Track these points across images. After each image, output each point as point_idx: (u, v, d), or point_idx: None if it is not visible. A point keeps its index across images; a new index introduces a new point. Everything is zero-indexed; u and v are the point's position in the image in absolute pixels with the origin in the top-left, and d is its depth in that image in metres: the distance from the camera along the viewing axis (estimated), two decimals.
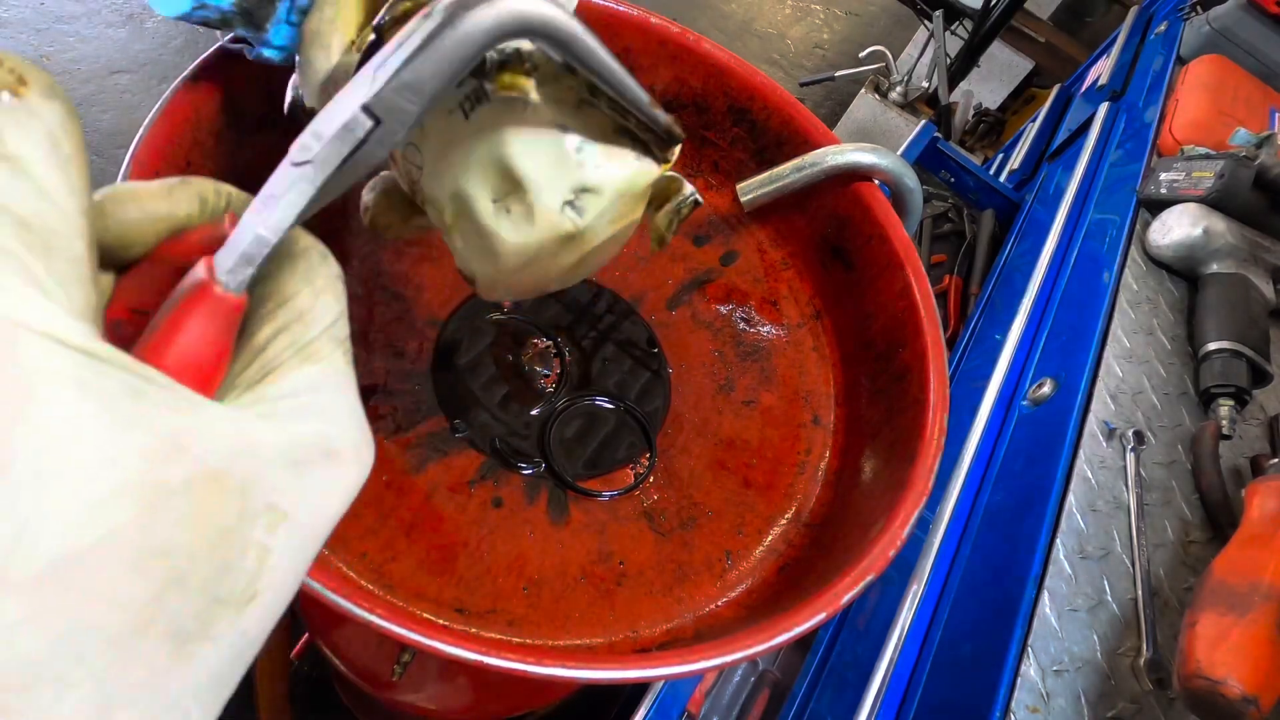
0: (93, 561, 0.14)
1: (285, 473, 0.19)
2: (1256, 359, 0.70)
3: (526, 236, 0.29)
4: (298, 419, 0.20)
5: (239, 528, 0.17)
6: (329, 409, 0.21)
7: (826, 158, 0.50)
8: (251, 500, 0.17)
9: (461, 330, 0.45)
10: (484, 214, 0.28)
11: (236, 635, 0.18)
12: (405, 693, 0.59)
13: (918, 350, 0.45)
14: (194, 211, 0.23)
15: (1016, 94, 2.51)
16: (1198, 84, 1.06)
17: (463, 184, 0.28)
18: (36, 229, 0.16)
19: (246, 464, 0.18)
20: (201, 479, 0.16)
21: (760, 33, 3.02)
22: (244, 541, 0.17)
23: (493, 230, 0.29)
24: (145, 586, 0.15)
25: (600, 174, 0.29)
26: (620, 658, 0.35)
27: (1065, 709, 0.47)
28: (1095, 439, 0.62)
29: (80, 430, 0.15)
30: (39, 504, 0.14)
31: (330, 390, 0.21)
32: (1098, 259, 0.84)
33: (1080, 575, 0.53)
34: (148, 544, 0.15)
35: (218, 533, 0.17)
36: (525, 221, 0.28)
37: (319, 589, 0.28)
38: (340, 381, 0.22)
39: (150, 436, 0.16)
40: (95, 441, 0.15)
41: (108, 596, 0.15)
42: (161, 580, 0.16)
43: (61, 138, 0.18)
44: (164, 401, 0.16)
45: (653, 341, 0.49)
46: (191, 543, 0.16)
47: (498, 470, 0.41)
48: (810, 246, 0.54)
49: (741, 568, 0.42)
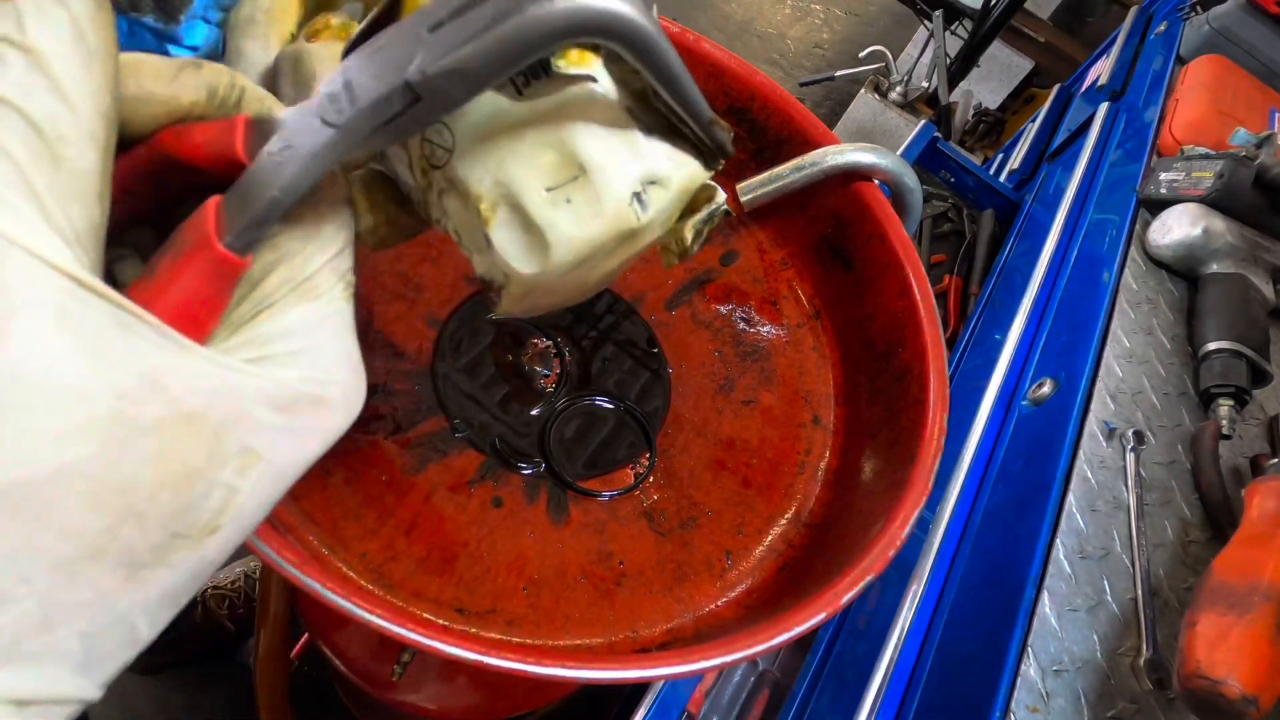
0: (46, 491, 0.15)
1: (268, 416, 0.18)
2: (1256, 359, 0.70)
3: (588, 230, 0.25)
4: (288, 364, 0.19)
5: (207, 469, 0.17)
6: (322, 353, 0.20)
7: (826, 158, 0.50)
8: (225, 443, 0.17)
9: (461, 330, 0.45)
10: (536, 203, 0.24)
11: (193, 561, 0.18)
12: (405, 693, 0.59)
13: (918, 350, 0.45)
14: (200, 100, 0.20)
15: (1016, 94, 2.51)
16: (1198, 84, 1.06)
17: (510, 168, 0.24)
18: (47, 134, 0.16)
19: (226, 405, 0.17)
20: (174, 420, 0.16)
21: (760, 33, 3.02)
22: (210, 482, 0.17)
23: (547, 222, 0.25)
24: (99, 519, 0.15)
25: (669, 165, 0.26)
26: (620, 658, 0.35)
27: (1065, 709, 0.47)
28: (1095, 439, 0.62)
29: (53, 363, 0.15)
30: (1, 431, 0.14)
31: (325, 331, 0.20)
32: (1097, 259, 0.84)
33: (1080, 575, 0.54)
34: (107, 479, 0.15)
35: (183, 473, 0.17)
36: (589, 212, 0.25)
37: (319, 589, 0.28)
38: (337, 322, 0.21)
39: (127, 374, 0.16)
40: (67, 376, 0.15)
41: (59, 525, 0.15)
42: (118, 514, 0.16)
43: (88, 30, 0.16)
44: (148, 340, 0.16)
45: (652, 341, 0.49)
46: (154, 481, 0.16)
47: (497, 470, 0.41)
48: (810, 246, 0.54)
49: (741, 568, 0.42)
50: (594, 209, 0.25)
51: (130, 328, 0.16)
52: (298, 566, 0.28)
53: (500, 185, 0.25)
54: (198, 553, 0.17)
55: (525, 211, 0.25)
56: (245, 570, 1.10)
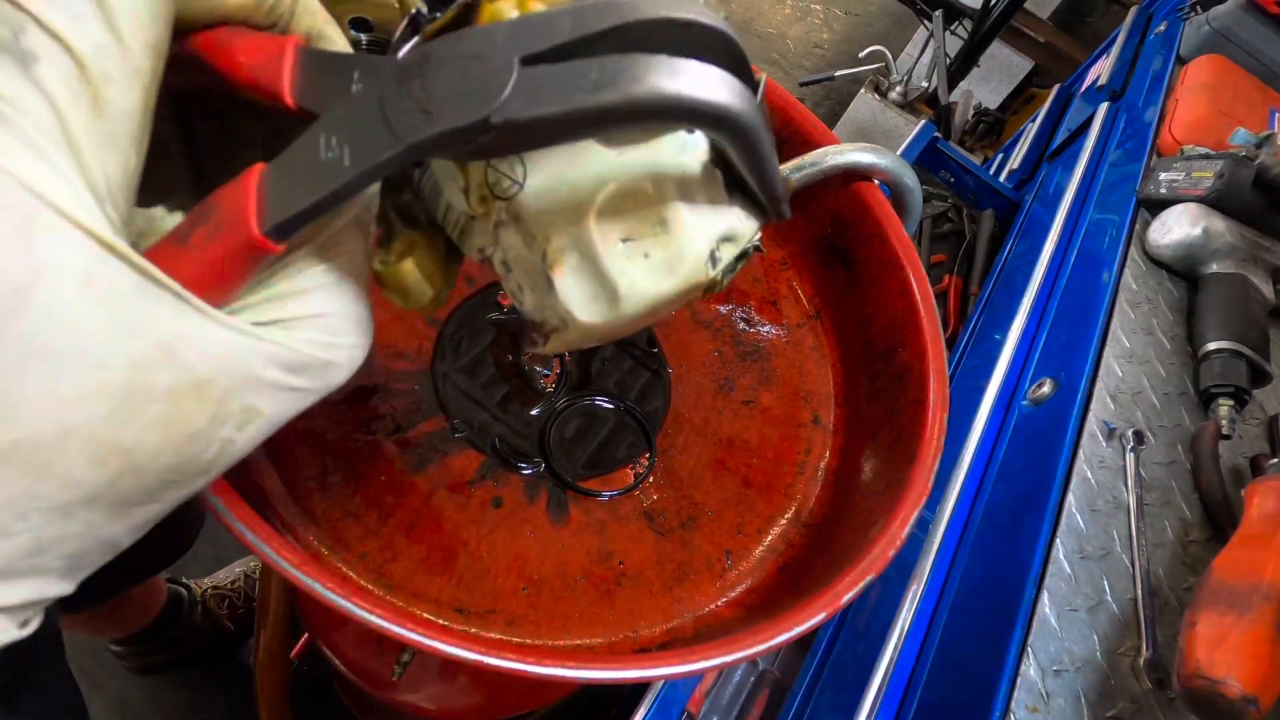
0: (52, 448, 0.15)
1: (275, 376, 0.19)
2: (1256, 359, 0.70)
3: (663, 286, 0.24)
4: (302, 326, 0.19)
5: (208, 430, 0.17)
6: (336, 315, 0.20)
7: (826, 158, 0.50)
8: (228, 405, 0.18)
9: (461, 330, 0.45)
10: (613, 255, 0.23)
11: (181, 496, 0.18)
12: (405, 693, 0.59)
13: (917, 350, 0.45)
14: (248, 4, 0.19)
15: (1016, 94, 2.51)
16: (1197, 84, 1.06)
17: (590, 217, 0.23)
18: (92, 72, 0.15)
19: (236, 370, 0.18)
20: (186, 387, 0.17)
21: (760, 32, 3.02)
22: (210, 439, 0.18)
23: (621, 275, 0.23)
24: (99, 474, 0.16)
25: (743, 225, 0.25)
26: (620, 658, 0.35)
27: (1065, 709, 0.47)
28: (1095, 439, 0.62)
29: (74, 330, 0.15)
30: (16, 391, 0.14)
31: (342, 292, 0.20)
32: (1097, 259, 0.84)
33: (1080, 575, 0.53)
34: (113, 441, 0.16)
35: (187, 436, 0.17)
36: (666, 269, 0.24)
37: (319, 589, 0.28)
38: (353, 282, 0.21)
39: (144, 342, 0.16)
40: (86, 342, 0.15)
41: (60, 477, 0.15)
42: (118, 470, 0.16)
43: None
44: (168, 307, 0.16)
45: (652, 341, 0.49)
46: (157, 444, 0.17)
47: (497, 470, 0.41)
48: (810, 246, 0.54)
49: (741, 568, 0.42)
50: (673, 266, 0.24)
51: (152, 295, 0.16)
52: (298, 566, 0.28)
53: (575, 231, 0.23)
54: (186, 490, 0.18)
55: (599, 262, 0.23)
56: (245, 570, 1.10)
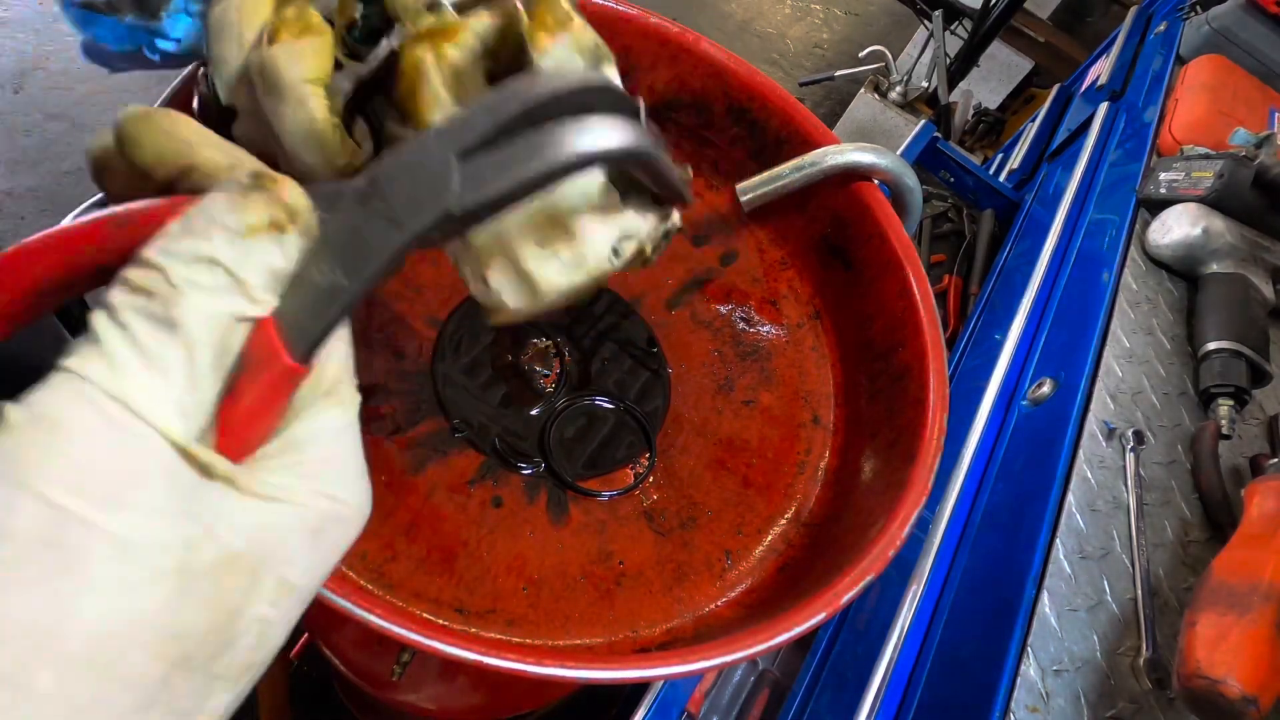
0: (120, 642, 0.15)
1: (301, 543, 0.19)
2: (1256, 359, 0.70)
3: (571, 279, 0.29)
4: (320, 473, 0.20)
5: (245, 606, 0.18)
6: (347, 465, 0.21)
7: (826, 158, 0.50)
8: (262, 577, 0.18)
9: (461, 330, 0.45)
10: (529, 257, 0.29)
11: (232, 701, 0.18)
12: (405, 693, 0.59)
13: (917, 350, 0.45)
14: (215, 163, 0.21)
15: (1016, 94, 2.51)
16: (1197, 84, 1.06)
17: (509, 229, 0.28)
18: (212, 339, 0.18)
19: (264, 540, 0.18)
20: (223, 561, 0.17)
21: (760, 32, 3.02)
22: (249, 618, 0.18)
23: (537, 272, 0.29)
24: (158, 668, 0.16)
25: (639, 224, 0.30)
26: (620, 658, 0.35)
27: (1065, 709, 0.47)
28: (1095, 439, 0.62)
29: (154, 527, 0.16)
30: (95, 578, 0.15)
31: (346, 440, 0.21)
32: (1097, 259, 0.84)
33: (1080, 575, 0.54)
34: (170, 627, 0.16)
35: (227, 616, 0.17)
36: (574, 266, 0.29)
37: (319, 589, 0.28)
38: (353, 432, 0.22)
39: (195, 525, 0.16)
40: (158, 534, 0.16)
41: (123, 676, 0.15)
42: (172, 662, 0.16)
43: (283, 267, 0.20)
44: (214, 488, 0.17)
45: (652, 341, 0.49)
46: (205, 625, 0.17)
47: (497, 470, 0.41)
48: (810, 246, 0.54)
49: (741, 567, 0.42)
50: (578, 263, 0.29)
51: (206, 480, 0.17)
52: None
53: (499, 240, 0.29)
54: (234, 691, 0.18)
55: (519, 263, 0.29)
56: None
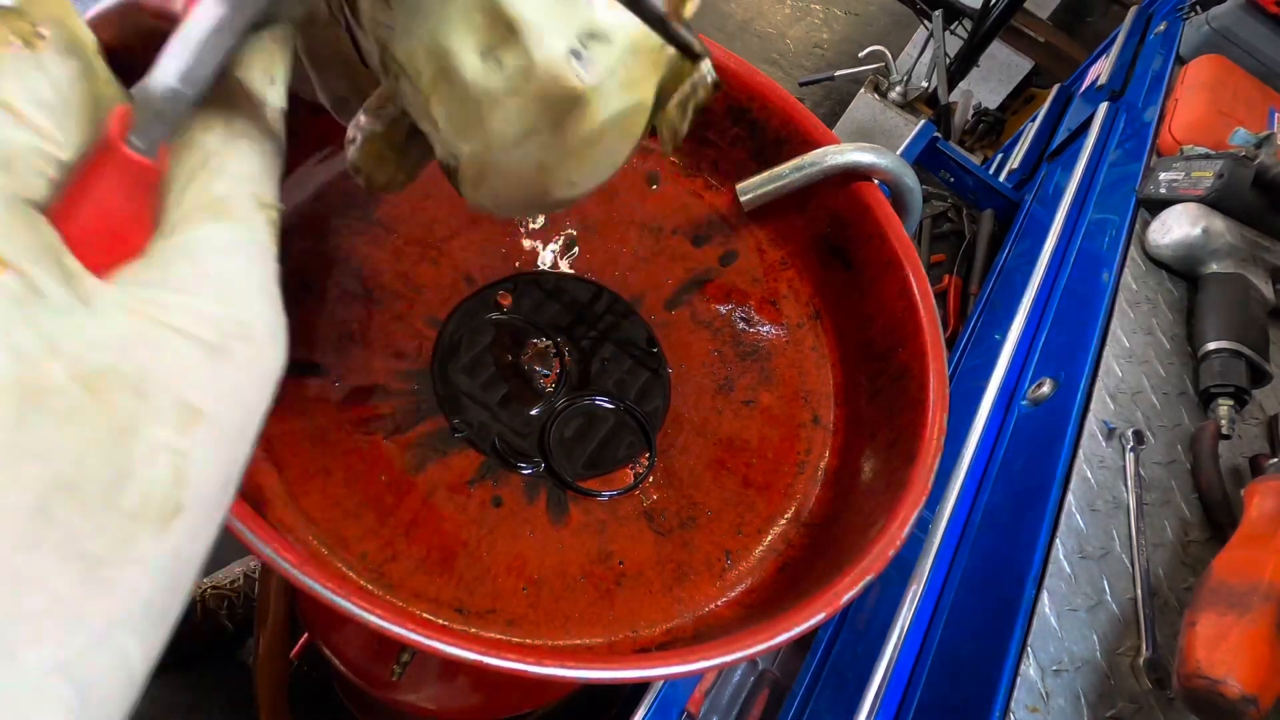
0: None
1: (198, 360, 0.16)
2: (1256, 359, 0.70)
3: (523, 94, 0.23)
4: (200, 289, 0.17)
5: (138, 428, 0.15)
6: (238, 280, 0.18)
7: (826, 157, 0.50)
8: (153, 397, 0.16)
9: (461, 330, 0.45)
10: (469, 70, 0.22)
11: (165, 556, 0.16)
12: (405, 693, 0.59)
13: (917, 350, 0.45)
14: None
15: (1016, 94, 2.51)
16: (1197, 84, 1.06)
17: (441, 35, 0.22)
18: None
19: (141, 356, 0.16)
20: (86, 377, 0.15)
21: (759, 32, 3.02)
22: (149, 444, 0.15)
23: (480, 89, 0.22)
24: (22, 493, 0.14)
25: (613, 17, 0.23)
26: (620, 658, 0.35)
27: (1065, 709, 0.47)
28: (1095, 438, 0.62)
29: None
30: None
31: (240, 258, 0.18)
32: (1097, 259, 0.84)
33: (1080, 575, 0.54)
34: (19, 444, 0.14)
35: (110, 434, 0.15)
36: (521, 75, 0.22)
37: (318, 589, 0.28)
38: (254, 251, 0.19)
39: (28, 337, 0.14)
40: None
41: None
42: (42, 485, 0.14)
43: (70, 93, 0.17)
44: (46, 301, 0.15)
45: (652, 341, 0.49)
46: (76, 445, 0.14)
47: (497, 470, 0.41)
48: (810, 246, 0.54)
49: (741, 567, 0.42)
50: (525, 70, 0.22)
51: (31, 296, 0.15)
52: (297, 566, 0.28)
53: (434, 54, 0.23)
54: (164, 541, 0.15)
55: (460, 79, 0.23)
56: (245, 570, 1.10)
